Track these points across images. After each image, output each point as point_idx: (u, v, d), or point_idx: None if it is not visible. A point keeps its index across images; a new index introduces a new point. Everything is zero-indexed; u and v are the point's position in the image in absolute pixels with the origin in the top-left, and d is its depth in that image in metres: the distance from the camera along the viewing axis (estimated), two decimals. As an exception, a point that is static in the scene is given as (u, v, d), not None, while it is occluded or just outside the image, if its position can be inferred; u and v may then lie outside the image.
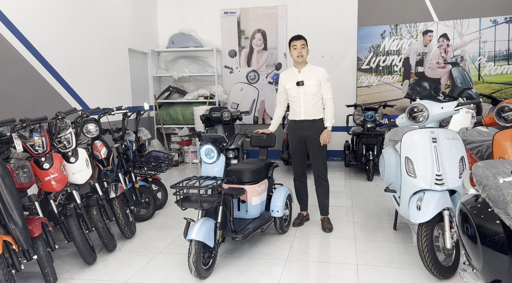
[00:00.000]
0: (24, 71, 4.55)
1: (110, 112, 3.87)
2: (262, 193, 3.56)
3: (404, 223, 4.01)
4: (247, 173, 3.43)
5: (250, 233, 3.24)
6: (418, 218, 2.75)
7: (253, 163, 3.68)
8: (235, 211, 3.51)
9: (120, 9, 6.54)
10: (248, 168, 3.48)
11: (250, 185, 3.43)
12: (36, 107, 4.69)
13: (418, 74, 7.14)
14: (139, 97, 7.28)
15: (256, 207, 3.48)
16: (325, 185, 3.92)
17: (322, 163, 3.85)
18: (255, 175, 3.48)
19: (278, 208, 3.61)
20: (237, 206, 3.50)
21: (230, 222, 3.13)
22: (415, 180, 2.91)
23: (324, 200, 3.96)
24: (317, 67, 3.85)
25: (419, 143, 2.96)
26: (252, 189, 3.43)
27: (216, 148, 3.08)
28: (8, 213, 2.41)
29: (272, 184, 3.83)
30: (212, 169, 3.12)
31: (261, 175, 3.58)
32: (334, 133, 7.48)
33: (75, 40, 5.40)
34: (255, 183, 3.47)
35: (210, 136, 3.16)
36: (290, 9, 7.45)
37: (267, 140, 3.87)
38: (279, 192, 3.73)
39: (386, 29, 7.15)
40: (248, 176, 3.43)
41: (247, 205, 3.46)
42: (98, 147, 3.71)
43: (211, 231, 2.88)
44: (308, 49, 3.82)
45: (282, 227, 3.76)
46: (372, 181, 5.92)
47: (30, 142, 2.93)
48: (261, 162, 3.74)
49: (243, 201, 3.47)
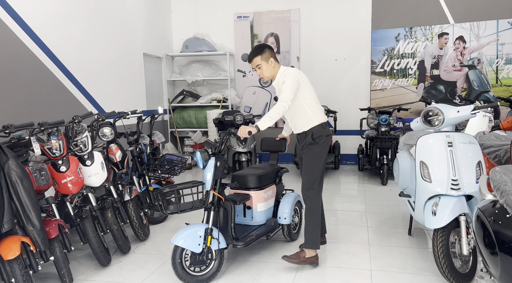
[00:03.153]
0: (42, 76, 4.66)
1: (125, 116, 3.93)
2: (268, 199, 3.46)
3: (419, 228, 3.95)
4: (253, 178, 3.34)
5: (253, 240, 3.12)
6: (433, 223, 2.71)
7: (261, 168, 3.59)
8: (241, 217, 3.43)
9: (135, 15, 6.64)
10: (254, 173, 3.39)
11: (256, 191, 3.33)
12: (54, 111, 4.79)
13: (434, 77, 7.05)
14: (154, 101, 7.37)
15: (262, 214, 3.38)
16: (308, 208, 3.12)
17: (306, 180, 3.13)
18: (261, 181, 3.37)
19: (286, 215, 3.47)
20: (243, 212, 3.42)
21: (231, 228, 3.03)
22: (430, 184, 2.87)
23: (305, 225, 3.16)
24: (279, 73, 3.17)
25: (435, 147, 2.92)
26: (257, 194, 3.34)
27: (203, 155, 2.95)
28: (26, 215, 2.47)
29: (281, 190, 3.70)
30: (205, 174, 2.97)
31: (268, 180, 3.48)
32: (347, 137, 7.49)
33: (91, 45, 5.51)
34: (261, 188, 3.37)
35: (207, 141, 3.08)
36: (303, 13, 7.45)
37: (277, 145, 3.72)
38: (288, 198, 3.58)
39: (400, 32, 7.08)
40: (254, 181, 3.34)
41: (252, 211, 3.37)
42: (113, 150, 3.76)
43: (196, 236, 2.79)
44: (268, 61, 3.13)
45: (290, 234, 3.62)
46: (386, 185, 5.85)
47: (47, 145, 2.99)
48: (269, 167, 3.64)
49: (249, 207, 3.38)
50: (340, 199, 5.18)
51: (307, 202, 3.12)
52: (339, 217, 4.41)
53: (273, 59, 3.16)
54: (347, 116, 7.44)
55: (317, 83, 7.52)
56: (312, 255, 3.12)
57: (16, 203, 2.43)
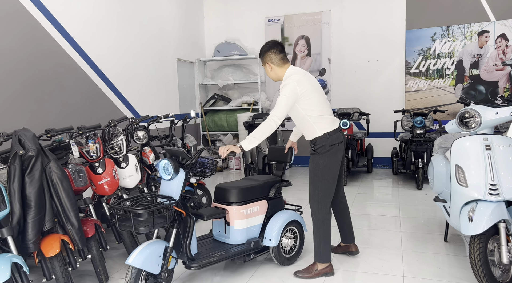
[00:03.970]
0: (82, 82, 4.90)
1: (158, 120, 4.06)
2: (251, 216, 3.06)
3: (457, 235, 3.79)
4: (234, 192, 2.98)
5: (212, 262, 2.79)
6: (470, 229, 2.59)
7: (252, 180, 3.23)
8: (222, 232, 3.09)
9: (169, 22, 6.84)
10: (237, 186, 3.04)
11: (235, 206, 2.97)
12: (93, 115, 5.03)
13: (473, 77, 6.75)
14: (186, 105, 7.54)
15: (240, 232, 3.00)
16: (314, 220, 3.00)
17: (310, 192, 3.01)
18: (244, 194, 3.01)
19: (272, 236, 3.04)
20: (224, 228, 3.08)
21: (186, 246, 2.69)
22: (466, 189, 2.75)
23: (314, 238, 3.03)
24: (284, 77, 2.97)
25: (471, 150, 2.80)
26: (235, 210, 2.97)
27: (174, 164, 2.62)
28: (66, 214, 2.60)
29: (276, 206, 3.26)
30: (169, 186, 2.66)
31: (255, 194, 3.09)
32: (381, 140, 7.31)
33: (127, 52, 5.73)
34: (242, 203, 3.00)
35: (172, 150, 2.79)
36: (335, 14, 7.38)
37: (283, 155, 3.36)
38: (278, 217, 3.14)
39: (437, 31, 6.85)
40: (234, 195, 2.98)
41: (229, 229, 3.02)
42: (147, 152, 3.89)
43: (156, 256, 2.49)
44: (265, 65, 3.00)
45: (280, 257, 3.15)
46: (421, 189, 5.66)
47: (85, 148, 3.14)
48: (265, 179, 3.26)
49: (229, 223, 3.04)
50: (373, 203, 5.07)
51: (313, 214, 2.99)
52: (372, 222, 4.31)
53: (270, 63, 2.96)
54: (380, 119, 7.27)
55: (349, 85, 7.43)
56: (325, 267, 3.01)
57: (57, 203, 2.58)
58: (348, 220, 3.33)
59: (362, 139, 6.97)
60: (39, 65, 4.26)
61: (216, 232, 3.17)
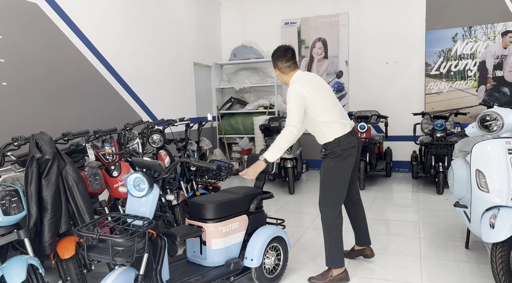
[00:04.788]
0: (101, 86, 4.99)
1: (173, 123, 4.09)
2: (231, 234, 2.74)
3: (479, 242, 3.66)
4: (210, 207, 2.66)
5: None
6: (491, 237, 2.49)
7: (230, 193, 2.93)
8: (197, 253, 2.75)
9: (187, 26, 6.91)
10: (214, 200, 2.71)
11: (212, 223, 2.65)
12: (111, 119, 5.11)
13: (496, 78, 6.54)
14: (203, 108, 7.59)
15: (218, 253, 2.68)
16: (323, 225, 2.95)
17: (320, 196, 2.96)
18: (222, 210, 2.69)
19: (253, 255, 2.73)
20: (199, 248, 2.74)
21: (156, 272, 2.34)
22: (487, 195, 2.65)
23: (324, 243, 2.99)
24: (290, 82, 2.99)
25: (493, 154, 2.70)
26: (212, 228, 2.65)
27: (148, 178, 2.31)
28: (81, 217, 2.64)
29: (258, 221, 2.95)
30: (141, 205, 2.34)
31: (234, 209, 2.77)
32: (400, 143, 7.16)
33: (145, 56, 5.82)
34: (220, 220, 2.68)
35: (143, 162, 2.41)
36: (352, 16, 7.29)
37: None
38: (260, 234, 2.83)
39: (458, 32, 6.67)
40: (211, 210, 2.66)
41: (206, 249, 2.69)
42: (162, 156, 3.92)
43: None
44: (276, 70, 3.02)
45: (263, 278, 2.84)
46: (442, 194, 5.50)
47: (102, 151, 3.19)
48: (245, 191, 2.94)
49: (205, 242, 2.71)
50: (392, 208, 4.95)
51: (322, 219, 2.94)
52: (390, 227, 4.21)
53: (278, 70, 3.00)
54: (400, 122, 7.12)
55: (367, 88, 7.32)
56: (340, 273, 2.95)
57: (72, 205, 2.62)
58: (363, 222, 3.26)
59: (380, 143, 6.84)
60: (58, 69, 4.37)
61: (190, 252, 2.80)
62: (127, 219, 2.28)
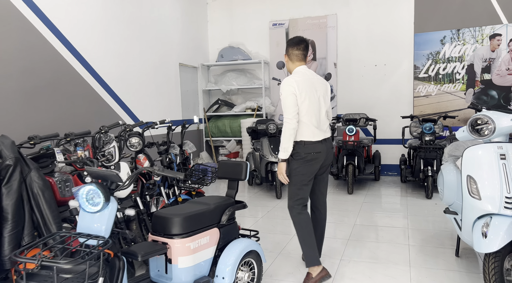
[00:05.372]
0: (80, 88, 4.78)
1: (153, 126, 3.90)
2: (200, 250, 2.47)
3: (469, 249, 3.55)
4: (176, 221, 2.36)
5: None
6: (484, 247, 2.37)
7: (199, 204, 2.63)
8: (162, 272, 2.46)
9: (172, 26, 6.73)
10: (181, 213, 2.41)
11: (178, 239, 2.34)
12: (90, 121, 4.90)
13: (484, 82, 6.50)
14: (189, 110, 7.41)
15: (186, 272, 2.38)
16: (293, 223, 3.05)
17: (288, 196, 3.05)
18: (190, 223, 2.40)
19: (225, 273, 2.49)
20: (164, 266, 2.45)
21: None
22: (479, 202, 2.53)
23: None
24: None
25: (484, 159, 2.59)
26: (178, 244, 2.36)
27: (104, 190, 2.04)
28: (47, 227, 2.45)
29: (230, 234, 2.69)
30: (95, 221, 2.05)
31: (204, 222, 2.50)
32: (388, 147, 7.08)
33: (128, 56, 5.62)
34: (187, 235, 2.39)
35: (98, 172, 2.13)
36: (341, 18, 7.20)
37: (235, 171, 2.82)
38: (233, 248, 2.58)
39: (446, 35, 6.62)
40: (178, 224, 2.35)
41: (171, 268, 2.40)
42: (141, 160, 3.74)
43: None
44: (286, 56, 3.09)
45: None
46: (431, 199, 5.41)
47: (74, 155, 3.00)
48: (215, 201, 2.66)
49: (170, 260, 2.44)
50: (380, 213, 4.83)
51: (291, 218, 3.03)
52: (379, 234, 4.09)
53: (286, 56, 3.08)
54: (388, 125, 7.04)
55: (356, 90, 7.22)
56: (319, 272, 2.95)
57: (37, 215, 2.43)
58: (320, 232, 3.23)
59: (369, 146, 6.74)
60: (34, 70, 4.15)
61: (154, 272, 2.51)
62: (78, 238, 1.99)
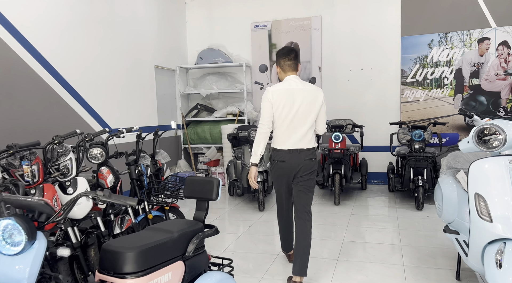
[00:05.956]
0: (40, 92, 4.29)
1: (118, 134, 3.46)
2: None
3: (470, 271, 3.23)
4: (129, 256, 1.84)
5: None
6: (499, 278, 2.04)
7: (159, 231, 2.10)
8: None
9: (147, 25, 6.29)
10: (136, 245, 1.89)
11: (132, 279, 1.84)
12: (52, 129, 4.40)
13: (473, 87, 6.30)
14: (166, 115, 6.95)
15: None
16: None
17: None
18: (147, 258, 1.88)
19: None
20: None
21: None
22: (490, 224, 2.21)
23: None
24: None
25: (492, 174, 2.27)
26: None
27: (27, 226, 1.57)
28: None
29: (198, 267, 2.19)
30: (16, 263, 1.59)
31: (165, 255, 1.98)
32: (375, 154, 6.79)
33: (97, 57, 5.14)
34: (144, 273, 1.86)
35: (21, 202, 1.65)
36: (325, 20, 6.90)
37: (204, 190, 2.36)
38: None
39: (434, 38, 6.41)
40: (131, 261, 1.84)
41: None
42: (104, 174, 3.28)
43: None
44: (278, 67, 3.30)
45: None
46: (422, 210, 5.12)
47: (19, 171, 2.54)
48: (179, 228, 2.13)
49: None
50: (369, 227, 4.50)
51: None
52: (369, 253, 3.73)
53: (278, 67, 3.28)
54: (375, 131, 6.76)
55: (341, 95, 6.92)
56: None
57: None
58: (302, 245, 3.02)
59: (355, 154, 6.44)
60: (-17, 70, 3.66)
61: None
62: None
